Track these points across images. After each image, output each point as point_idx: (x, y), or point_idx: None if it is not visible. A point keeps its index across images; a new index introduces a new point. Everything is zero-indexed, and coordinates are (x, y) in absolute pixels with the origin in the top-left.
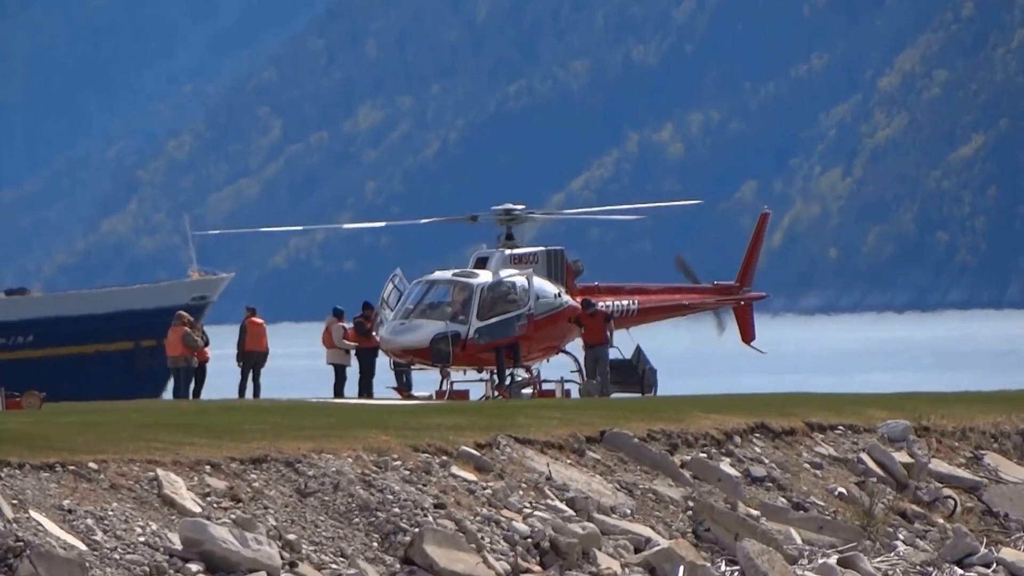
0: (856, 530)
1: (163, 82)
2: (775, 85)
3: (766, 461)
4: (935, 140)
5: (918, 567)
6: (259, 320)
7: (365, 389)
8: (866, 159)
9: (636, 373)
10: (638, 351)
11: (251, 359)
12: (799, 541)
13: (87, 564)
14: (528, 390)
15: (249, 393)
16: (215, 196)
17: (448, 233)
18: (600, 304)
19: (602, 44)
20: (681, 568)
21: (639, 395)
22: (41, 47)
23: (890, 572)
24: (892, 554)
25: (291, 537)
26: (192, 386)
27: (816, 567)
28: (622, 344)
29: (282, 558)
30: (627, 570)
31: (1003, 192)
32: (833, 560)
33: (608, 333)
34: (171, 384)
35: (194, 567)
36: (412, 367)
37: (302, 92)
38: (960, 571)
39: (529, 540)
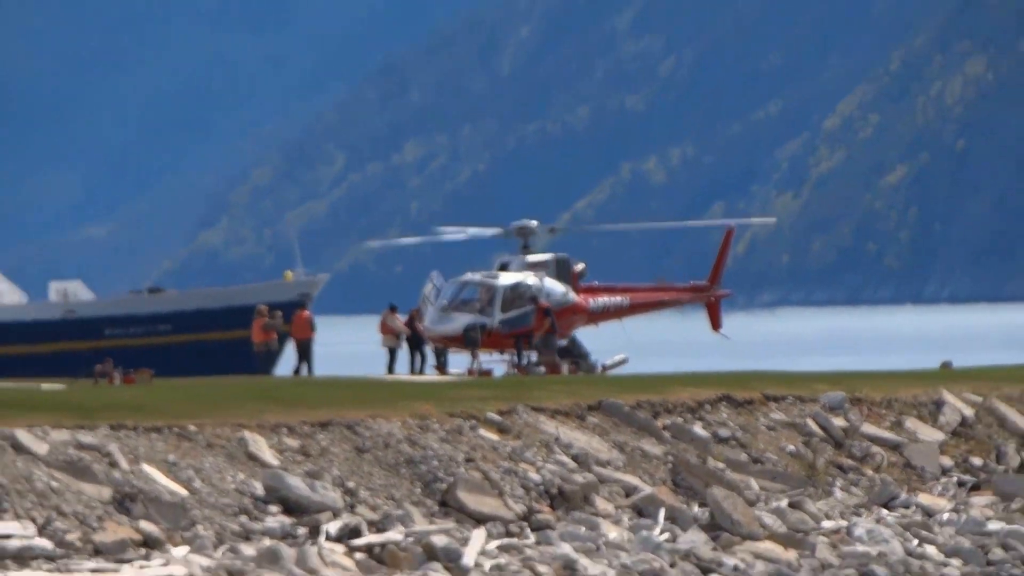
0: (803, 479)
1: (248, 123)
2: (739, 125)
3: (730, 425)
4: (868, 170)
5: (852, 508)
6: (306, 313)
7: (420, 367)
8: (812, 185)
9: (571, 353)
10: (573, 339)
11: (299, 344)
12: (757, 488)
13: (188, 506)
14: (542, 368)
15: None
16: (290, 214)
17: (479, 244)
18: (599, 300)
19: (601, 93)
20: (662, 510)
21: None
22: (150, 96)
23: (829, 512)
24: (831, 498)
25: (350, 485)
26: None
27: (771, 508)
28: (613, 332)
29: (343, 501)
30: (619, 511)
31: (922, 211)
32: (784, 503)
33: (552, 325)
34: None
35: (273, 509)
36: (449, 350)
37: (360, 131)
38: (885, 512)
39: (541, 487)
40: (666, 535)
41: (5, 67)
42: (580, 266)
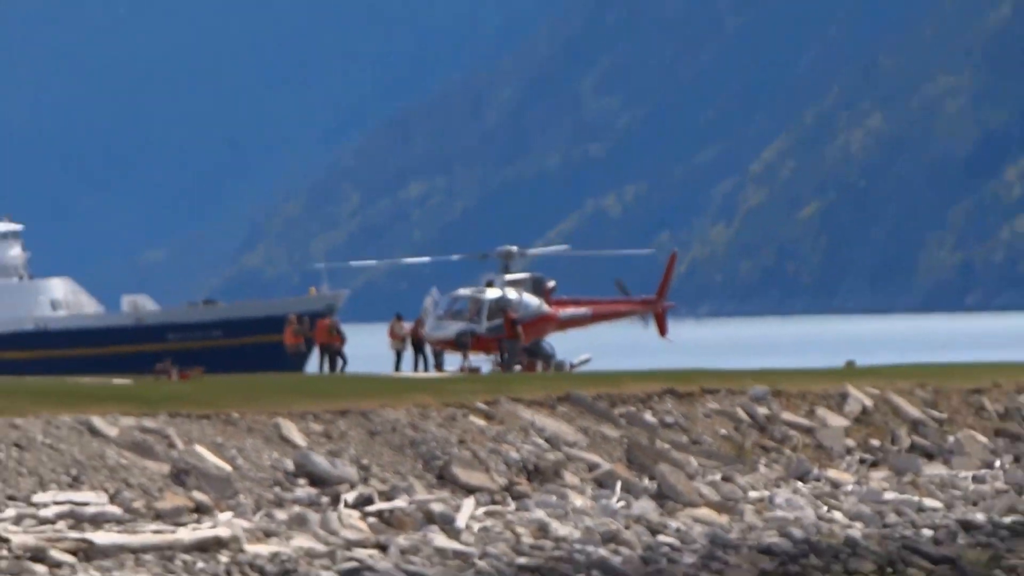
0: (733, 457)
1: (281, 165)
2: (682, 168)
3: (674, 413)
4: (787, 205)
5: (773, 481)
6: (326, 321)
7: (422, 366)
8: (741, 217)
9: (535, 354)
10: (537, 342)
11: (321, 347)
12: (696, 465)
13: (231, 480)
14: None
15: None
16: (315, 241)
17: (468, 265)
18: (567, 311)
19: (569, 142)
20: (619, 482)
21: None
22: (202, 142)
23: (755, 484)
24: (756, 473)
25: (364, 462)
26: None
27: (707, 481)
28: (576, 338)
29: (358, 475)
30: (583, 484)
31: (830, 239)
32: (718, 477)
33: (517, 331)
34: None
35: (301, 482)
36: (444, 352)
37: (372, 173)
38: (800, 484)
39: (519, 464)
40: (622, 503)
41: (84, 121)
42: (551, 283)
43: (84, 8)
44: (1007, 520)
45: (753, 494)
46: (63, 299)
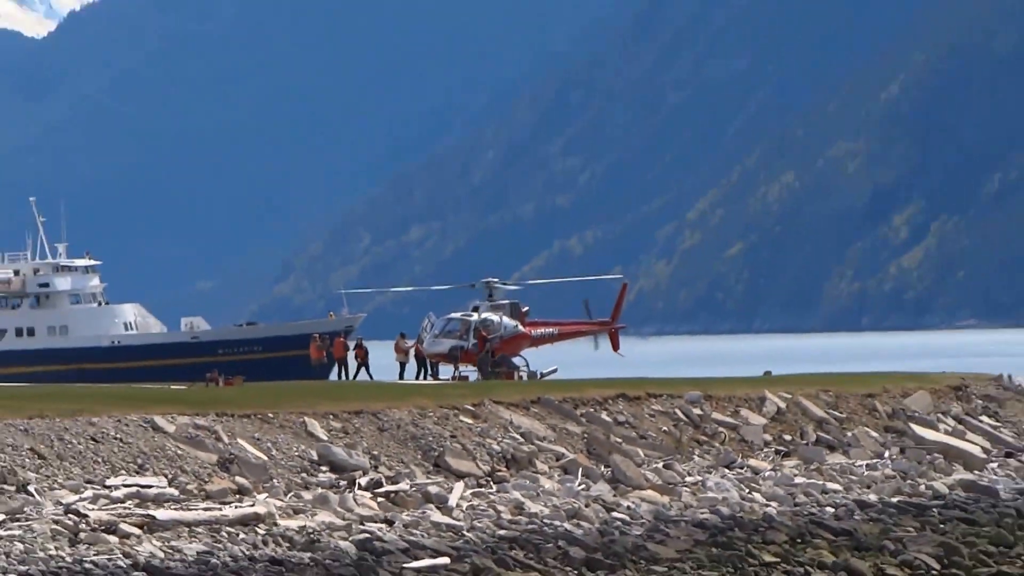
0: (672, 449)
1: (306, 212)
2: (632, 216)
3: (625, 413)
4: (716, 246)
5: (705, 468)
6: (341, 339)
7: (420, 376)
8: (679, 256)
9: (501, 366)
10: (503, 357)
11: (338, 360)
12: (642, 455)
13: (267, 467)
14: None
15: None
16: (333, 275)
17: (459, 293)
18: (538, 330)
19: (541, 194)
20: (580, 469)
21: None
22: (241, 192)
23: (690, 471)
24: (691, 462)
25: (375, 453)
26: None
27: (652, 468)
28: (545, 353)
29: (370, 463)
30: (552, 470)
31: (752, 273)
32: (660, 465)
33: (488, 347)
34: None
35: (324, 469)
36: (439, 364)
37: (380, 219)
38: (727, 470)
39: (500, 454)
40: (583, 486)
41: (150, 176)
42: (526, 308)
43: (144, 86)
44: (894, 500)
45: (689, 479)
46: (133, 321)
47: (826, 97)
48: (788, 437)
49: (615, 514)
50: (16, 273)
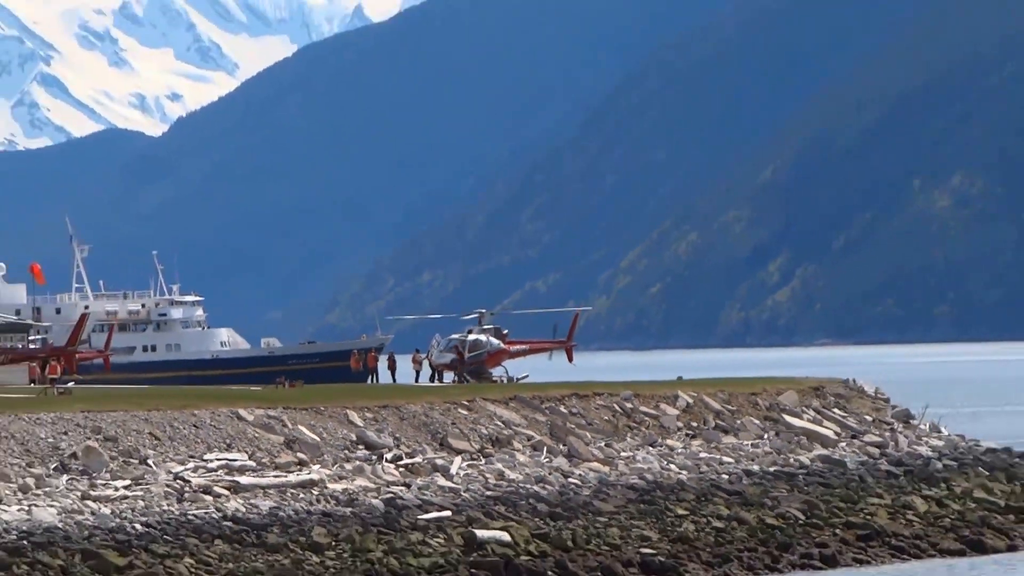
0: (612, 432)
1: (348, 261)
2: (581, 266)
3: (577, 407)
4: (641, 286)
5: (635, 447)
6: (372, 353)
7: (434, 381)
8: (616, 294)
9: (478, 374)
10: (480, 368)
11: (371, 370)
12: (590, 436)
13: (319, 446)
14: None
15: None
16: (367, 306)
17: (459, 320)
18: (515, 347)
19: (513, 250)
20: (545, 448)
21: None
22: (296, 249)
23: (624, 449)
24: (625, 441)
25: (397, 435)
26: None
27: (597, 447)
28: (519, 363)
29: (394, 443)
30: (525, 448)
31: (668, 306)
32: (603, 444)
33: (464, 360)
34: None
35: (360, 447)
36: (443, 372)
37: (401, 266)
38: (651, 448)
39: (487, 436)
40: (547, 459)
41: (232, 232)
42: (505, 331)
43: (232, 171)
44: (771, 469)
45: (623, 454)
46: (227, 340)
47: (719, 179)
48: (694, 424)
49: (570, 480)
50: (143, 306)
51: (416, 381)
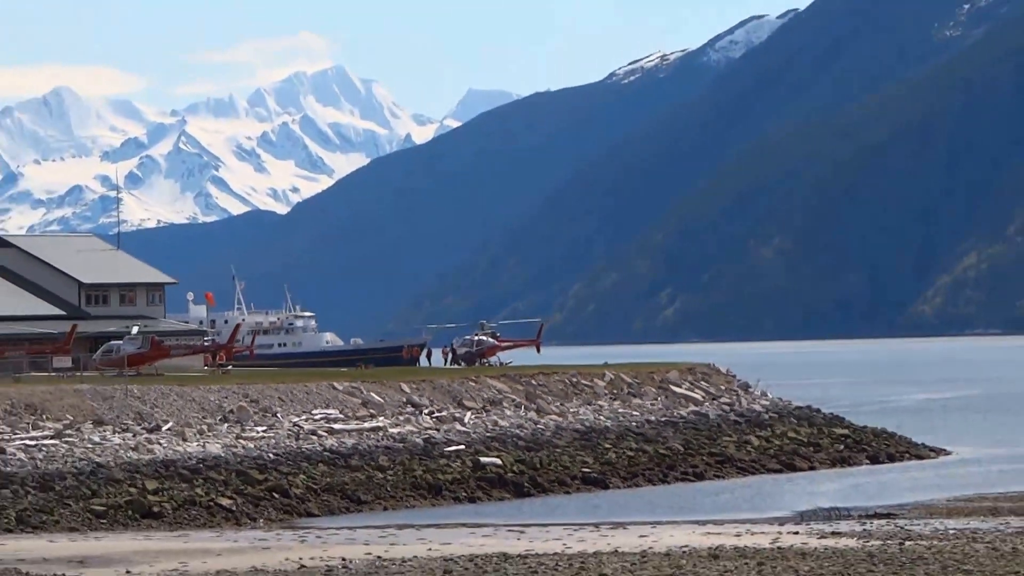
0: (568, 396)
1: (402, 293)
2: (543, 296)
3: (543, 381)
4: (580, 311)
5: (578, 405)
6: (416, 348)
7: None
8: (567, 311)
9: (471, 361)
10: (472, 357)
11: (414, 359)
12: (550, 399)
13: (383, 405)
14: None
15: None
16: (415, 318)
17: (466, 328)
18: (503, 344)
19: (507, 285)
20: (523, 406)
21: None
22: (369, 285)
23: (573, 408)
24: (571, 403)
25: (431, 398)
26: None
27: (554, 406)
28: (507, 355)
29: (428, 404)
30: (512, 406)
31: (598, 321)
32: (559, 403)
33: (467, 352)
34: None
35: (408, 406)
36: (461, 360)
37: (436, 297)
38: (588, 407)
39: (487, 399)
40: (524, 413)
41: (331, 268)
42: (498, 334)
43: (336, 238)
44: (662, 419)
45: (571, 410)
46: (329, 340)
47: (632, 242)
48: (615, 391)
49: (538, 426)
50: (277, 319)
51: (445, 364)
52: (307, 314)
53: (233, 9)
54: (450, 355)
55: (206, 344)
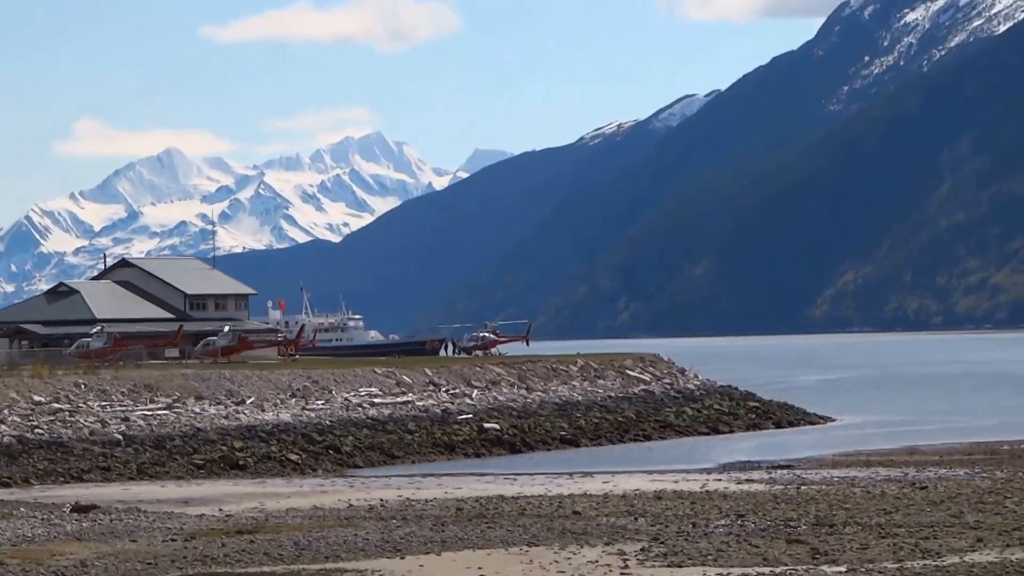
0: (547, 377)
1: (431, 301)
2: (524, 310)
3: (532, 367)
4: (557, 312)
5: (558, 385)
6: (437, 343)
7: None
8: (549, 314)
9: (469, 352)
10: (469, 349)
11: (435, 349)
12: (536, 380)
13: (412, 385)
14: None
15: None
16: (440, 321)
17: (472, 329)
18: (500, 339)
19: (503, 306)
20: (515, 384)
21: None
22: (408, 299)
23: (556, 386)
24: (553, 383)
25: (447, 379)
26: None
27: (539, 386)
28: (506, 348)
29: (446, 383)
30: (507, 385)
31: (568, 326)
32: (543, 383)
33: (473, 344)
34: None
35: (430, 385)
36: (470, 351)
37: (454, 306)
38: (564, 385)
39: (489, 380)
40: (517, 391)
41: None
42: (497, 332)
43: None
44: (620, 395)
45: (552, 389)
46: (373, 336)
47: (593, 263)
48: (585, 375)
49: (527, 400)
50: (334, 321)
51: (456, 354)
52: (356, 317)
53: (299, 88)
54: (452, 347)
55: (279, 339)
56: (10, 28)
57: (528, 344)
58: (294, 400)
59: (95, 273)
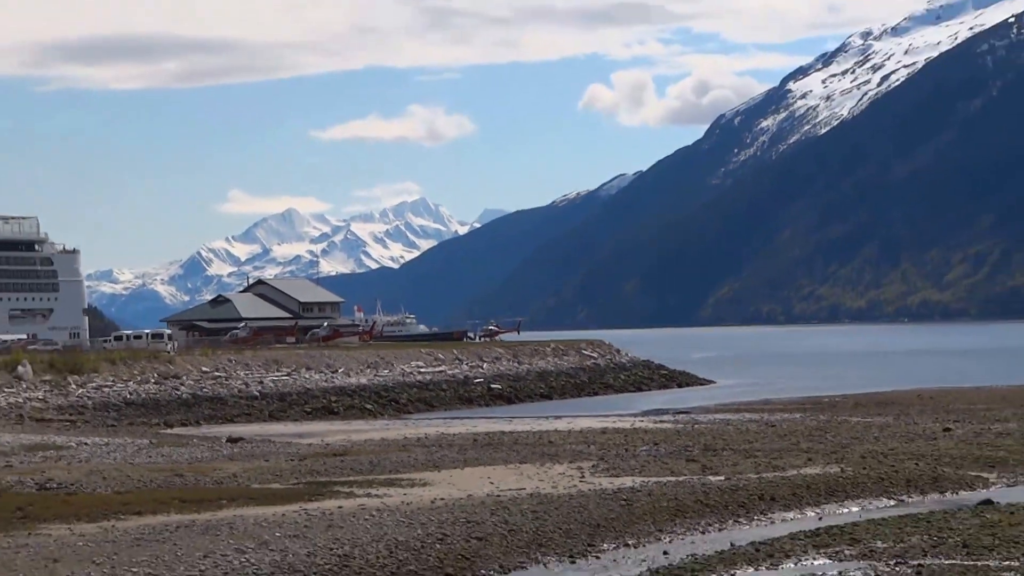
0: (532, 355)
1: (454, 310)
2: (523, 308)
3: (522, 348)
4: (536, 312)
5: (538, 360)
6: (461, 332)
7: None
8: (533, 314)
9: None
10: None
11: (456, 338)
12: (526, 356)
13: (445, 360)
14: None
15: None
16: (461, 319)
17: (482, 324)
18: (501, 331)
19: (518, 311)
20: (514, 360)
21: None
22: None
23: None
24: (535, 358)
25: (466, 358)
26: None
27: (528, 359)
28: (506, 336)
29: (466, 358)
30: (505, 360)
31: (549, 319)
32: (529, 358)
33: (478, 334)
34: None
35: (456, 360)
36: (482, 338)
37: (471, 311)
38: (543, 360)
39: (494, 356)
40: (513, 363)
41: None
42: (497, 327)
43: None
44: (579, 367)
45: (535, 362)
46: (423, 328)
47: (563, 288)
48: (556, 353)
49: (519, 369)
50: (396, 318)
51: (473, 340)
52: (411, 316)
53: (373, 170)
54: (474, 335)
55: (360, 331)
56: (192, 123)
57: (519, 333)
58: (369, 369)
59: (241, 288)
